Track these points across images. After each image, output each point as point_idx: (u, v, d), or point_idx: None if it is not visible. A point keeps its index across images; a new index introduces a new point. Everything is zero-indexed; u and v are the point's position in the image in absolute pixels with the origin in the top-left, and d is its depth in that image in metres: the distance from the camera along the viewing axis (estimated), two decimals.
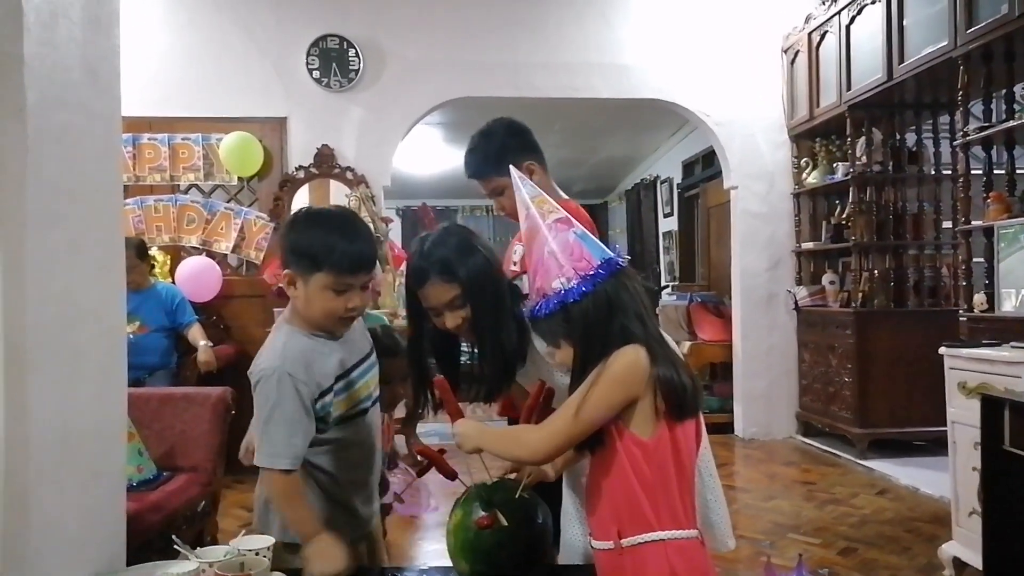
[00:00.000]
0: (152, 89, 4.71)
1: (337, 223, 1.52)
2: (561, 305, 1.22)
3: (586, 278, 1.21)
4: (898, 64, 4.07)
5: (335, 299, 1.49)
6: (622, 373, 1.17)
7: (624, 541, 1.19)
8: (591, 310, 1.20)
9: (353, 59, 4.98)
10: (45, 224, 1.27)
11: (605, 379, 1.17)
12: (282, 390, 1.44)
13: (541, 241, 1.26)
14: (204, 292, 4.68)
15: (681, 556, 1.18)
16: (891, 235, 4.70)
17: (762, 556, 2.88)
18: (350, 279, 1.49)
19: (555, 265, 1.23)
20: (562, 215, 1.29)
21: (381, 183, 5.04)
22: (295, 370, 1.46)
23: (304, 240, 1.50)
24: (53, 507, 1.27)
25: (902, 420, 4.48)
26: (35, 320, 1.23)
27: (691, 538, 1.20)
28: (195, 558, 1.29)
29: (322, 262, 1.46)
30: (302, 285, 1.49)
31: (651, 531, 1.18)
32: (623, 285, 1.23)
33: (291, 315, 1.57)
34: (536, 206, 1.29)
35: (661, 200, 9.05)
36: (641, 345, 1.19)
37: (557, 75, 5.19)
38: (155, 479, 2.56)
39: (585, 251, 1.23)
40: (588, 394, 1.17)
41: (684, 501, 1.20)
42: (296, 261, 1.50)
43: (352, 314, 1.52)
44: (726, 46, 5.26)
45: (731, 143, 5.35)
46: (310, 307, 1.50)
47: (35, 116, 1.23)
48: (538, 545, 1.37)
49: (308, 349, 1.51)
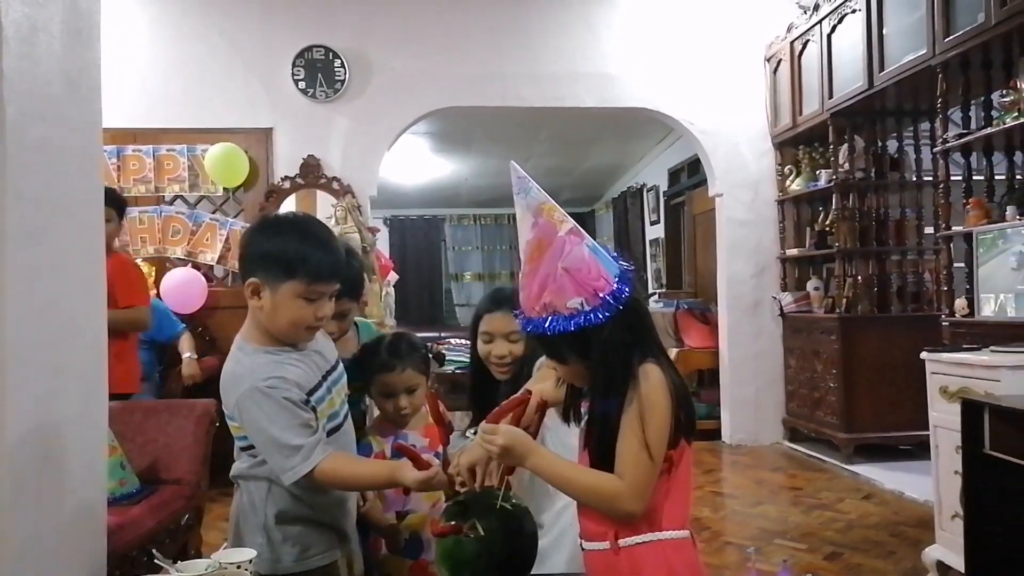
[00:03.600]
0: (137, 101, 4.70)
1: (309, 230, 1.49)
2: (581, 327, 1.18)
3: (607, 301, 1.19)
4: (879, 72, 4.12)
5: (305, 307, 1.45)
6: (660, 396, 1.18)
7: (621, 542, 1.20)
8: (613, 333, 1.19)
9: (339, 69, 4.98)
10: (26, 238, 1.26)
11: (652, 409, 1.18)
12: (268, 403, 1.40)
13: (553, 255, 1.20)
14: (189, 303, 4.66)
15: (679, 554, 1.21)
16: (874, 241, 4.74)
17: (748, 562, 2.89)
18: (323, 287, 1.46)
19: (570, 283, 1.19)
20: (572, 225, 1.24)
21: (368, 193, 5.04)
22: (271, 381, 1.42)
23: (275, 247, 1.45)
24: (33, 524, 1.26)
25: (887, 425, 4.51)
26: (15, 335, 1.23)
27: (686, 537, 1.24)
28: (176, 572, 1.28)
29: (296, 269, 1.42)
30: (269, 294, 1.44)
31: (650, 531, 1.20)
32: (637, 301, 1.22)
33: (246, 335, 1.51)
34: (546, 215, 1.24)
35: (647, 208, 9.09)
36: (654, 359, 1.21)
37: (543, 85, 5.22)
38: (138, 493, 2.53)
39: (602, 269, 1.21)
40: (647, 432, 1.17)
41: (684, 503, 1.24)
42: (264, 269, 1.45)
43: (320, 323, 1.50)
44: (709, 55, 5.31)
45: (716, 151, 5.39)
46: (276, 316, 1.45)
47: (14, 130, 1.23)
48: (523, 555, 1.36)
49: (274, 361, 1.46)
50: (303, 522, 1.52)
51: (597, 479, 1.21)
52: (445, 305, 11.54)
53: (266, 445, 1.43)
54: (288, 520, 1.51)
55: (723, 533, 3.46)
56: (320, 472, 1.40)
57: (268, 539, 1.51)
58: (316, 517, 1.53)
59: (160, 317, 4.10)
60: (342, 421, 1.60)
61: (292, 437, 1.40)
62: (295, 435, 1.40)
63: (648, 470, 1.17)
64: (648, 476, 1.18)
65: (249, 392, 1.42)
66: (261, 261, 1.46)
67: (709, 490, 4.18)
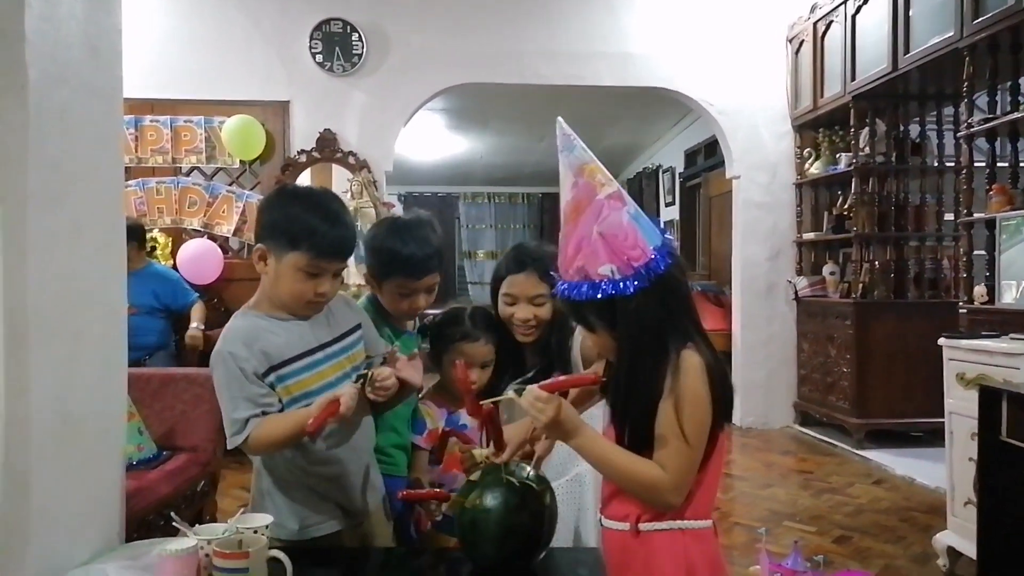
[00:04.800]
0: (155, 71, 4.70)
1: (320, 204, 1.47)
2: (610, 295, 1.13)
3: (639, 271, 1.12)
4: (903, 55, 4.06)
5: (305, 281, 1.44)
6: (700, 387, 1.13)
7: (642, 525, 1.18)
8: (644, 308, 1.13)
9: (356, 43, 4.95)
10: (47, 203, 1.26)
11: (692, 401, 1.13)
12: (224, 370, 1.42)
13: (590, 217, 1.15)
14: (205, 275, 4.69)
15: (698, 545, 1.19)
16: (892, 226, 4.70)
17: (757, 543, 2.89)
18: (325, 264, 1.44)
19: (604, 248, 1.13)
20: (615, 189, 1.17)
21: (383, 168, 5.03)
22: (234, 348, 1.43)
23: (283, 217, 1.45)
24: (53, 485, 1.28)
25: (899, 411, 4.49)
26: (36, 300, 1.23)
27: (707, 528, 1.21)
28: (193, 535, 1.29)
29: (300, 242, 1.41)
30: (273, 263, 1.45)
31: (676, 519, 1.18)
32: (675, 278, 1.15)
33: (256, 296, 1.52)
34: (587, 175, 1.18)
35: (663, 189, 9.04)
36: (693, 345, 1.16)
37: (561, 63, 5.17)
38: (155, 458, 2.57)
39: (640, 238, 1.14)
40: (685, 419, 1.13)
41: (711, 492, 1.21)
42: (271, 237, 1.45)
43: (320, 300, 1.47)
44: (731, 35, 5.24)
45: (734, 132, 5.33)
46: (277, 286, 1.45)
47: (36, 93, 1.23)
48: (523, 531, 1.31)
49: (254, 327, 1.46)
50: (303, 491, 1.52)
51: (640, 467, 1.16)
52: (458, 283, 11.55)
53: (222, 410, 1.45)
54: (286, 488, 1.52)
55: (732, 514, 3.47)
56: (254, 440, 1.41)
57: (274, 505, 1.52)
58: (313, 486, 1.52)
59: (175, 286, 4.15)
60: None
61: (233, 409, 1.42)
62: (236, 407, 1.41)
63: (690, 462, 1.14)
64: (690, 468, 1.15)
65: (215, 354, 1.45)
66: (270, 228, 1.46)
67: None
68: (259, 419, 1.42)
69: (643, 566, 1.19)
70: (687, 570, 1.17)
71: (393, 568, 1.59)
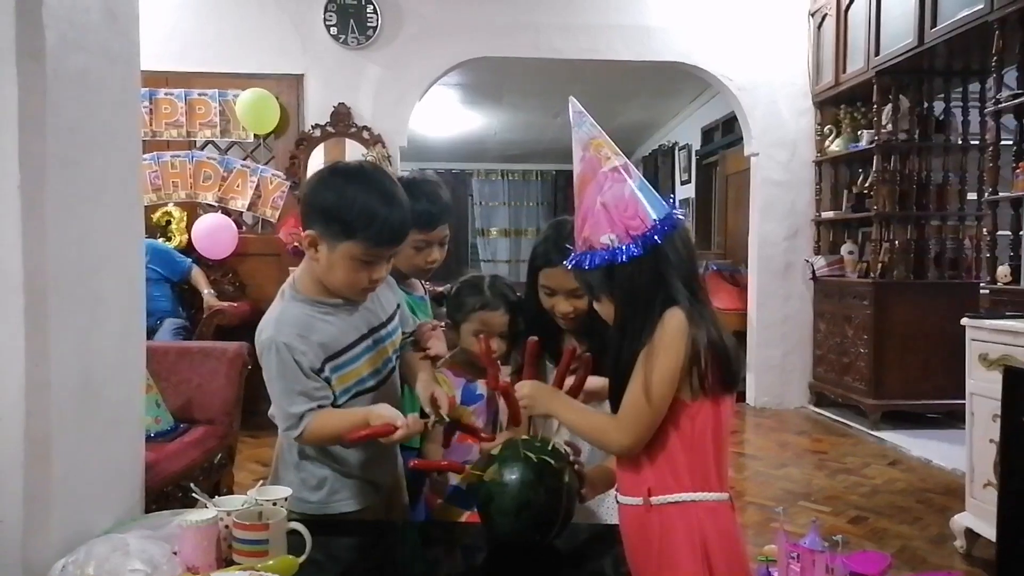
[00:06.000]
0: (169, 43, 4.67)
1: (377, 186, 1.38)
2: (607, 263, 1.17)
3: (636, 239, 1.16)
4: (930, 28, 3.96)
5: (360, 270, 1.39)
6: (673, 341, 1.14)
7: (654, 499, 1.18)
8: (637, 274, 1.16)
9: (371, 16, 4.90)
10: (64, 168, 1.25)
11: (660, 353, 1.14)
12: (278, 361, 1.39)
13: (594, 189, 1.20)
14: (219, 249, 4.69)
15: (711, 518, 1.18)
16: (914, 205, 4.62)
17: (773, 522, 2.89)
18: (383, 251, 1.40)
19: (605, 218, 1.18)
20: (620, 163, 1.21)
21: (398, 143, 4.99)
22: (290, 340, 1.39)
23: (338, 202, 1.36)
24: (74, 453, 1.28)
25: (916, 392, 4.45)
26: (56, 265, 1.22)
27: (722, 500, 1.20)
28: (213, 506, 1.29)
29: (356, 231, 1.35)
30: (325, 251, 1.38)
31: (683, 491, 1.18)
32: (674, 247, 1.18)
33: (298, 278, 1.47)
34: (593, 149, 1.22)
35: (679, 167, 8.95)
36: (681, 309, 1.16)
37: (578, 37, 5.09)
38: (172, 430, 2.58)
39: (640, 208, 1.17)
40: (649, 374, 1.14)
41: (719, 465, 1.20)
42: (324, 223, 1.37)
43: (376, 285, 1.44)
44: (751, 8, 5.14)
45: (753, 109, 5.25)
46: (330, 274, 1.40)
47: (54, 57, 1.21)
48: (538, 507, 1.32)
49: (307, 317, 1.43)
50: (329, 466, 1.52)
51: (594, 415, 1.26)
52: (470, 260, 11.53)
53: (273, 400, 1.44)
54: (316, 462, 1.52)
55: (746, 493, 3.46)
56: (308, 434, 1.41)
57: (300, 479, 1.52)
58: (341, 462, 1.52)
59: (165, 255, 4.30)
60: (386, 376, 1.56)
61: (289, 404, 1.40)
62: (292, 402, 1.40)
63: (641, 408, 1.15)
64: (639, 414, 1.15)
65: (268, 343, 1.41)
66: (322, 215, 1.38)
67: (732, 451, 4.16)
68: (315, 412, 1.41)
69: (658, 541, 1.19)
70: (702, 544, 1.17)
71: (410, 541, 1.59)
